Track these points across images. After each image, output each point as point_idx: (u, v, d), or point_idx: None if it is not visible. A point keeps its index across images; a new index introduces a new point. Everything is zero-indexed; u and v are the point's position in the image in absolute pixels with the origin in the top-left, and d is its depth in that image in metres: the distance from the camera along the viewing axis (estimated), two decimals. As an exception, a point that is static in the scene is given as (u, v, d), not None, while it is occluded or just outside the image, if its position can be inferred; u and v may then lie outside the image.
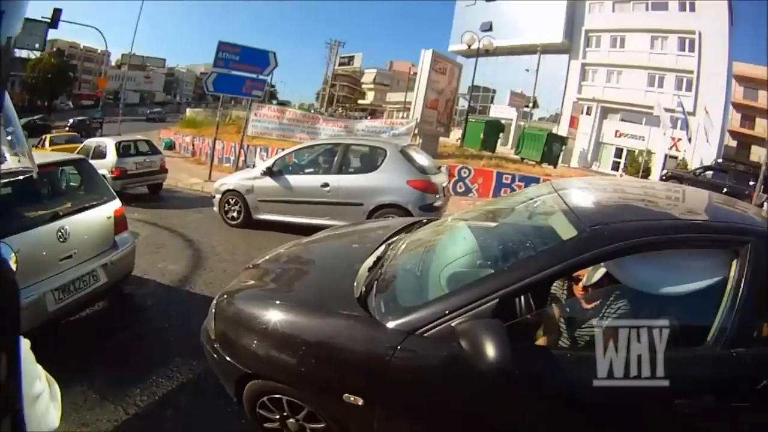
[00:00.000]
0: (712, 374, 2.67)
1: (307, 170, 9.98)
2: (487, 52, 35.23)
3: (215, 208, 10.47)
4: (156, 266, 7.25)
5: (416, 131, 20.94)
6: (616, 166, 44.29)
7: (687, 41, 43.02)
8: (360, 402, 2.76)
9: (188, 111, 52.17)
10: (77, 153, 11.89)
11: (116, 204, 5.84)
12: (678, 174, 28.08)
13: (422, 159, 9.85)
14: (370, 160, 9.59)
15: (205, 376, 4.33)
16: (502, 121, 34.72)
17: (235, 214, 10.11)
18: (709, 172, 26.00)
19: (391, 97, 75.32)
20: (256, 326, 3.12)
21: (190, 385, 4.35)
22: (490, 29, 46.85)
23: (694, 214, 3.53)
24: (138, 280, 6.64)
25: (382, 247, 4.01)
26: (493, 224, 4.10)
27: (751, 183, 21.15)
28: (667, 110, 35.62)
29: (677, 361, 2.63)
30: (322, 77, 72.34)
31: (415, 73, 63.26)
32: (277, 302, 3.23)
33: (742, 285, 2.62)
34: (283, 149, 11.57)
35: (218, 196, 10.37)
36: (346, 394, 2.78)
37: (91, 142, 15.81)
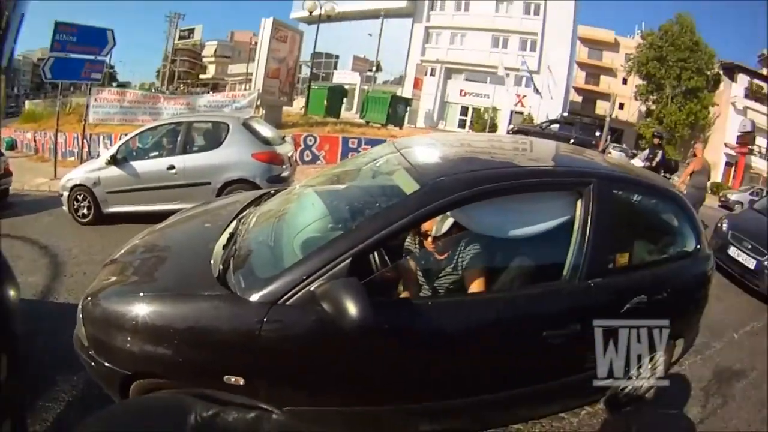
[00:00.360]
0: (574, 305, 3.03)
1: (151, 154, 9.54)
2: (330, 18, 35.21)
3: (65, 207, 9.73)
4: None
5: (258, 102, 20.62)
6: (462, 124, 46.43)
7: (532, 5, 45.93)
8: (241, 382, 2.72)
9: (27, 104, 46.49)
10: None
11: None
12: (524, 128, 30.17)
13: (266, 130, 9.79)
14: (214, 137, 9.33)
15: (88, 388, 3.99)
16: (346, 86, 34.70)
17: (85, 211, 9.42)
18: (555, 125, 27.98)
19: (233, 69, 73.63)
20: (126, 324, 2.91)
21: (76, 401, 4.05)
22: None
23: (539, 161, 3.86)
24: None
25: (234, 223, 3.92)
26: (340, 187, 4.16)
27: (597, 134, 22.84)
28: (511, 69, 37.73)
29: (538, 297, 3.03)
30: (162, 53, 68.38)
31: (257, 43, 62.37)
32: (141, 294, 3.01)
33: (589, 222, 3.00)
34: (126, 134, 10.61)
35: (66, 193, 9.62)
36: (226, 376, 2.73)
37: None
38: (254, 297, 2.74)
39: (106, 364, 2.98)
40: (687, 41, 42.96)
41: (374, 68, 39.46)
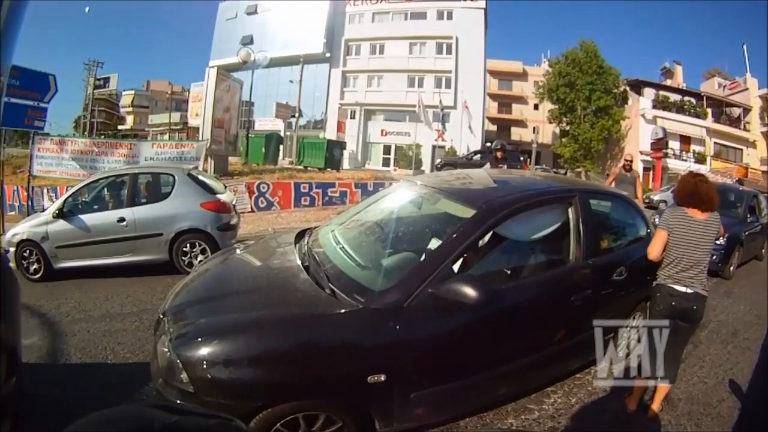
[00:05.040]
0: (584, 278, 4.31)
1: (100, 206, 9.41)
2: (262, 66, 35.58)
3: (12, 264, 8.96)
4: None
5: (207, 153, 20.10)
6: (387, 162, 47.26)
7: (444, 45, 47.96)
8: (383, 378, 3.20)
9: None
10: None
11: None
12: (451, 161, 31.34)
13: (209, 180, 9.91)
14: (161, 188, 9.43)
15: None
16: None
17: (36, 266, 9.06)
18: (478, 156, 29.56)
19: (153, 119, 71.72)
20: (256, 356, 3.14)
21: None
22: (251, 42, 46.77)
23: (533, 184, 5.15)
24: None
25: (302, 255, 4.37)
26: (393, 217, 5.09)
27: (522, 158, 23.91)
28: (428, 107, 38.99)
29: (563, 275, 4.34)
30: (78, 102, 64.43)
31: (174, 92, 60.49)
32: (263, 325, 3.35)
33: (579, 221, 4.35)
34: (71, 186, 10.61)
35: (12, 249, 9.11)
36: (369, 376, 3.18)
37: None
38: (383, 305, 3.37)
39: (223, 402, 3.06)
40: (593, 65, 45.44)
41: (297, 114, 39.65)
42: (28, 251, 9.09)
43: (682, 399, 4.68)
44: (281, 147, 33.32)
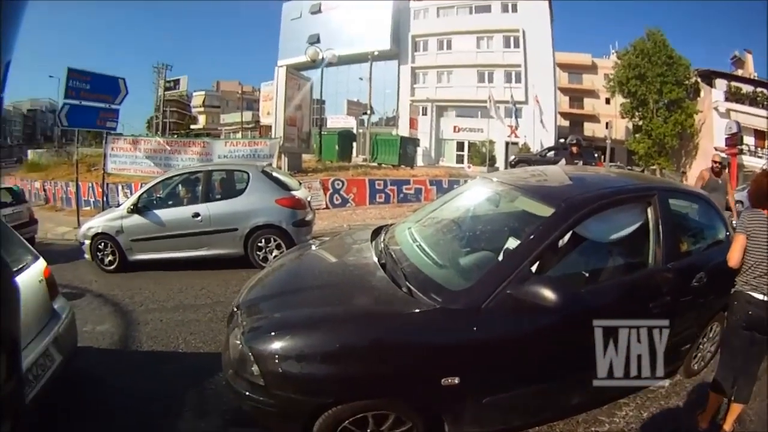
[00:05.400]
0: (664, 282, 3.93)
1: (174, 202, 9.63)
2: (330, 64, 35.65)
3: (87, 255, 9.66)
4: (82, 330, 5.61)
5: (280, 150, 19.87)
6: (460, 159, 46.31)
7: (512, 38, 46.79)
8: (456, 381, 3.09)
9: (30, 153, 46.44)
10: None
11: (42, 264, 4.58)
12: (525, 157, 30.40)
13: (283, 177, 9.98)
14: (235, 184, 9.52)
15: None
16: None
17: (111, 258, 9.41)
18: (552, 152, 28.37)
19: (225, 118, 73.12)
20: (328, 350, 3.12)
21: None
22: (318, 41, 46.93)
23: (610, 181, 4.85)
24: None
25: (379, 252, 4.27)
26: (469, 215, 4.91)
27: (596, 155, 23.20)
28: (500, 102, 38.25)
29: (642, 279, 3.98)
30: (150, 104, 66.43)
31: (244, 92, 61.33)
32: (337, 320, 3.32)
33: (659, 222, 3.95)
34: (145, 184, 10.84)
35: (87, 241, 9.58)
36: (444, 379, 3.08)
37: None
38: (460, 305, 3.23)
39: (293, 397, 3.11)
40: (662, 56, 43.77)
41: (368, 111, 39.53)
42: (103, 244, 9.45)
43: (754, 420, 4.25)
44: (354, 144, 33.07)
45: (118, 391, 4.83)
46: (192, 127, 75.63)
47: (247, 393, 3.24)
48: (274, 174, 9.79)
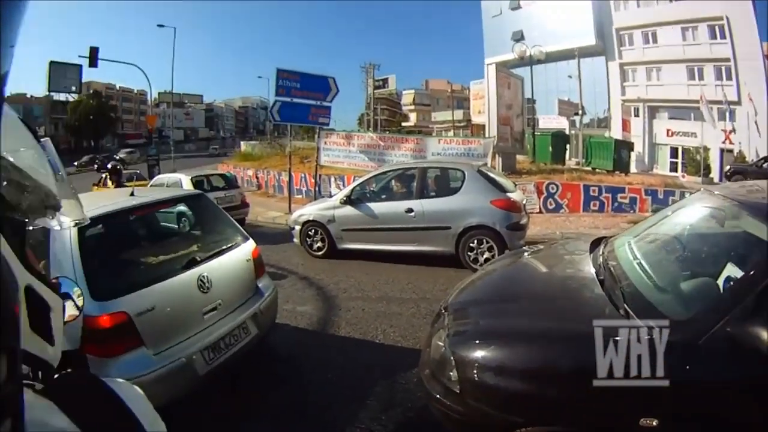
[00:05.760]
0: None
1: (387, 196, 9.88)
2: (539, 62, 34.85)
3: (296, 240, 10.38)
4: (282, 308, 6.04)
5: (494, 150, 19.32)
6: (674, 167, 42.29)
7: (717, 28, 40.76)
8: (654, 423, 2.66)
9: (243, 144, 53.61)
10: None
11: (251, 244, 5.15)
12: (741, 168, 27.61)
13: (499, 178, 9.78)
14: (450, 183, 9.50)
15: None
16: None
17: (320, 244, 9.96)
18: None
19: (435, 116, 73.66)
20: (530, 366, 2.92)
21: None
22: (522, 38, 45.99)
23: None
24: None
25: (597, 267, 3.87)
26: (690, 234, 4.27)
27: None
28: (712, 102, 34.83)
29: None
30: (360, 102, 69.96)
31: (454, 91, 61.73)
32: (551, 334, 3.07)
33: None
34: (358, 177, 11.49)
35: (297, 227, 10.28)
36: (642, 419, 2.67)
37: (162, 178, 15.95)
38: (677, 338, 2.71)
39: (487, 410, 2.97)
40: None
41: (580, 111, 38.13)
42: (313, 230, 10.05)
43: None
44: (567, 146, 32.14)
45: (306, 369, 5.15)
46: (403, 124, 77.98)
47: (439, 396, 3.17)
48: (490, 174, 9.61)
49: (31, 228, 0.95)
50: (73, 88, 32.53)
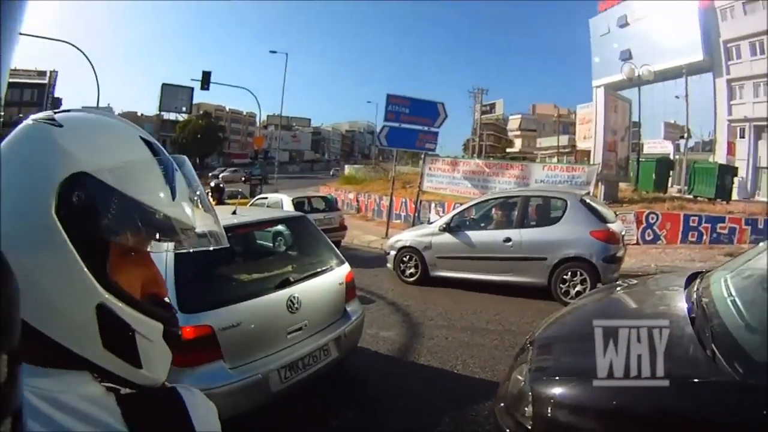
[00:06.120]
0: None
1: (485, 225, 9.90)
2: (647, 82, 33.70)
3: (389, 265, 10.51)
4: (366, 332, 5.96)
5: (597, 178, 18.51)
6: (778, 194, 39.44)
7: None
8: None
9: (347, 168, 54.71)
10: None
11: (346, 268, 5.26)
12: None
13: (600, 207, 9.63)
14: (551, 212, 9.40)
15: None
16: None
17: (412, 270, 10.04)
18: None
19: (541, 142, 72.13)
20: (605, 407, 2.81)
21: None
22: (630, 57, 44.50)
23: None
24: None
25: (689, 303, 3.72)
26: None
27: None
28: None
29: None
30: (463, 127, 70.17)
31: (560, 115, 60.69)
32: (629, 381, 2.80)
33: None
34: (459, 204, 11.46)
35: (393, 252, 10.40)
36: None
37: (264, 197, 16.45)
38: (762, 381, 2.55)
39: None
40: None
41: (685, 134, 36.36)
42: (407, 256, 10.16)
43: None
44: (671, 172, 30.46)
45: (381, 393, 5.27)
46: (508, 150, 76.86)
47: (508, 431, 3.10)
48: (592, 203, 9.47)
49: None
50: (183, 109, 34.54)
